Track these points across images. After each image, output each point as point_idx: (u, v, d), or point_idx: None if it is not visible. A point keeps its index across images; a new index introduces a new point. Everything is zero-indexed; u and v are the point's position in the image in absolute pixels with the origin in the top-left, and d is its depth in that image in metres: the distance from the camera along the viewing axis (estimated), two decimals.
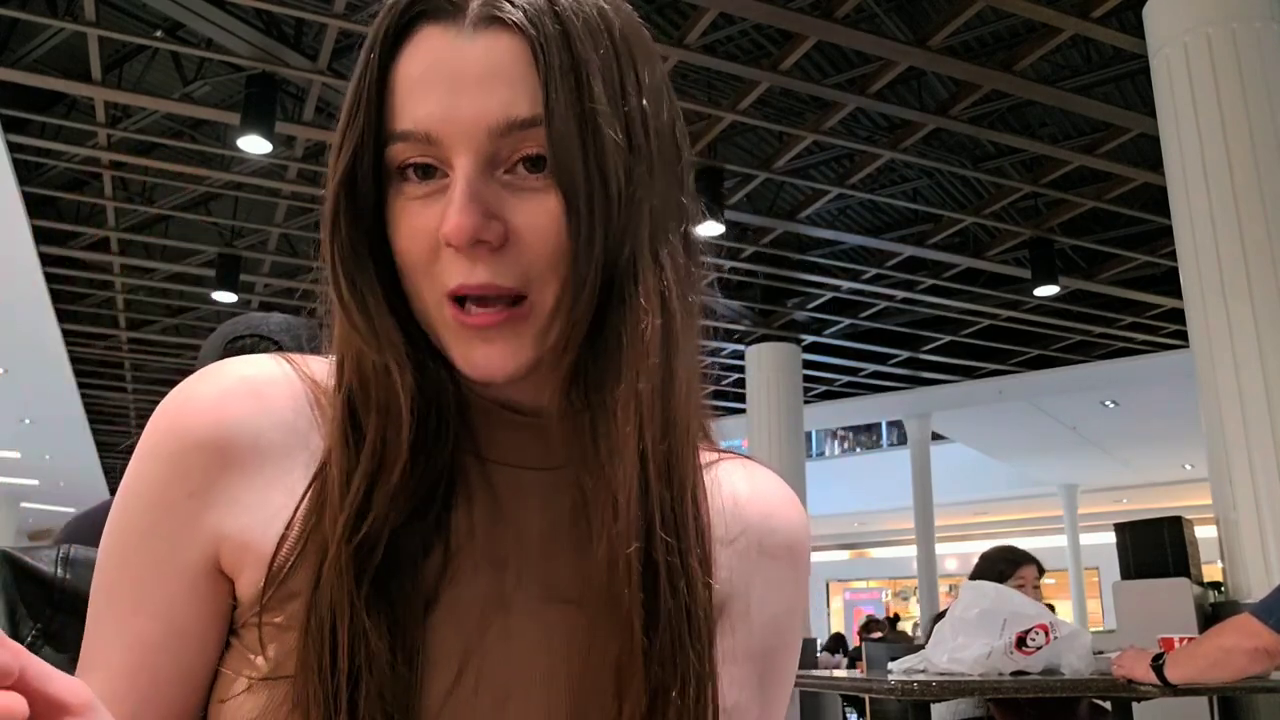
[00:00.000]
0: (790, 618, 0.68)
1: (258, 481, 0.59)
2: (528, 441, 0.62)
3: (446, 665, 0.57)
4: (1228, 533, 4.10)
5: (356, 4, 5.62)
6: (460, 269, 0.56)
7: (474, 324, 0.56)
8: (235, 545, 0.58)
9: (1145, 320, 9.82)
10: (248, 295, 9.53)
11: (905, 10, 5.80)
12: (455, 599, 0.58)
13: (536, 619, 0.59)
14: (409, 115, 0.57)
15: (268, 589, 0.56)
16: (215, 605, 0.59)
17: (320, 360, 0.65)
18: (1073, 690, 2.82)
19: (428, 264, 0.57)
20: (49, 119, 6.84)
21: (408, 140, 0.57)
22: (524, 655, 0.58)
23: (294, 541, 0.57)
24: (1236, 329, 4.15)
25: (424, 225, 0.57)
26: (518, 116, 0.56)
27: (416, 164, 0.57)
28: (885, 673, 3.11)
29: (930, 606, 12.54)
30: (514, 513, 0.61)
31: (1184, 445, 13.62)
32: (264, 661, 0.56)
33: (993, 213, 8.00)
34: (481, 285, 0.55)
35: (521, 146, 0.56)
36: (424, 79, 0.57)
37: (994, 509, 19.58)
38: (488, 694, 0.57)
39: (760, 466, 0.71)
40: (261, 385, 0.61)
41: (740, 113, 6.46)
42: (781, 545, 0.68)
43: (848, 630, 16.31)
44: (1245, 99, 4.37)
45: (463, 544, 0.59)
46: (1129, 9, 5.29)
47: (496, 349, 0.56)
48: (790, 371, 10.51)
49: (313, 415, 0.61)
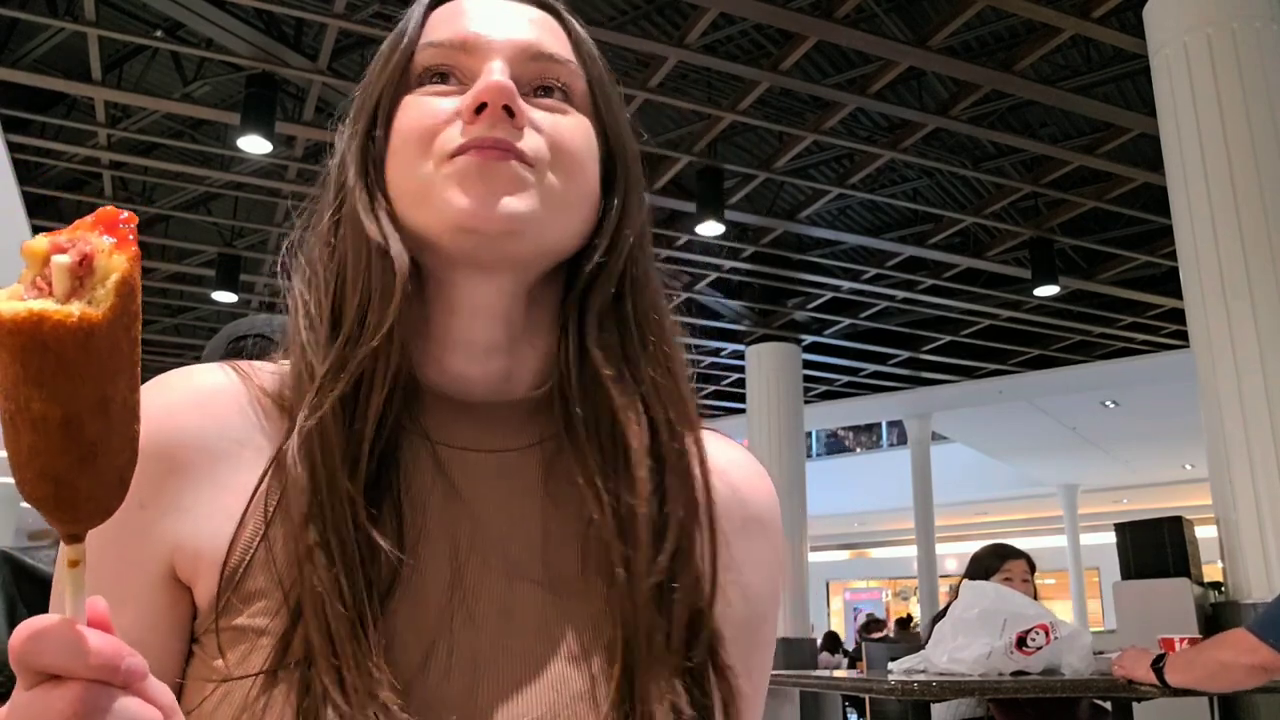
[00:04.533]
0: (768, 587, 0.69)
1: (207, 488, 0.59)
2: (487, 425, 0.63)
3: (414, 645, 0.56)
4: (1228, 533, 4.10)
5: (356, 4, 5.62)
6: (478, 128, 0.58)
7: (482, 152, 0.57)
8: (188, 553, 0.58)
9: (1145, 320, 9.82)
10: (248, 295, 9.52)
11: (905, 10, 5.80)
12: (419, 585, 0.58)
13: (501, 601, 0.59)
14: (444, 30, 0.62)
15: (223, 592, 0.56)
16: (176, 615, 0.58)
17: (268, 367, 0.65)
18: (1073, 690, 2.82)
19: (432, 134, 0.59)
20: (49, 119, 6.84)
21: (438, 46, 0.61)
22: (493, 637, 0.58)
23: (246, 541, 0.57)
24: (1236, 329, 4.15)
25: (435, 106, 0.60)
26: (550, 50, 0.62)
27: (441, 70, 0.61)
28: (885, 673, 3.11)
29: (930, 606, 12.53)
30: (475, 496, 0.61)
31: (1184, 445, 13.62)
32: (224, 665, 0.55)
33: (993, 213, 8.00)
34: (498, 139, 0.58)
35: (545, 75, 0.62)
36: (461, 11, 0.63)
37: (994, 509, 19.57)
38: (460, 678, 0.56)
39: (726, 439, 0.72)
40: (205, 393, 0.61)
41: (740, 113, 6.46)
42: (755, 517, 0.68)
43: (847, 630, 16.33)
44: (1245, 99, 4.37)
45: (421, 529, 0.59)
46: (1129, 9, 5.29)
47: (501, 182, 0.58)
48: (790, 371, 10.50)
49: (259, 421, 0.62)
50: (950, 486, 15.38)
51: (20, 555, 0.79)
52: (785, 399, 10.35)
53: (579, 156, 0.61)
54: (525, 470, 0.62)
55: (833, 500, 17.59)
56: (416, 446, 0.61)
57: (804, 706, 6.43)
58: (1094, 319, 9.92)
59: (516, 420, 0.63)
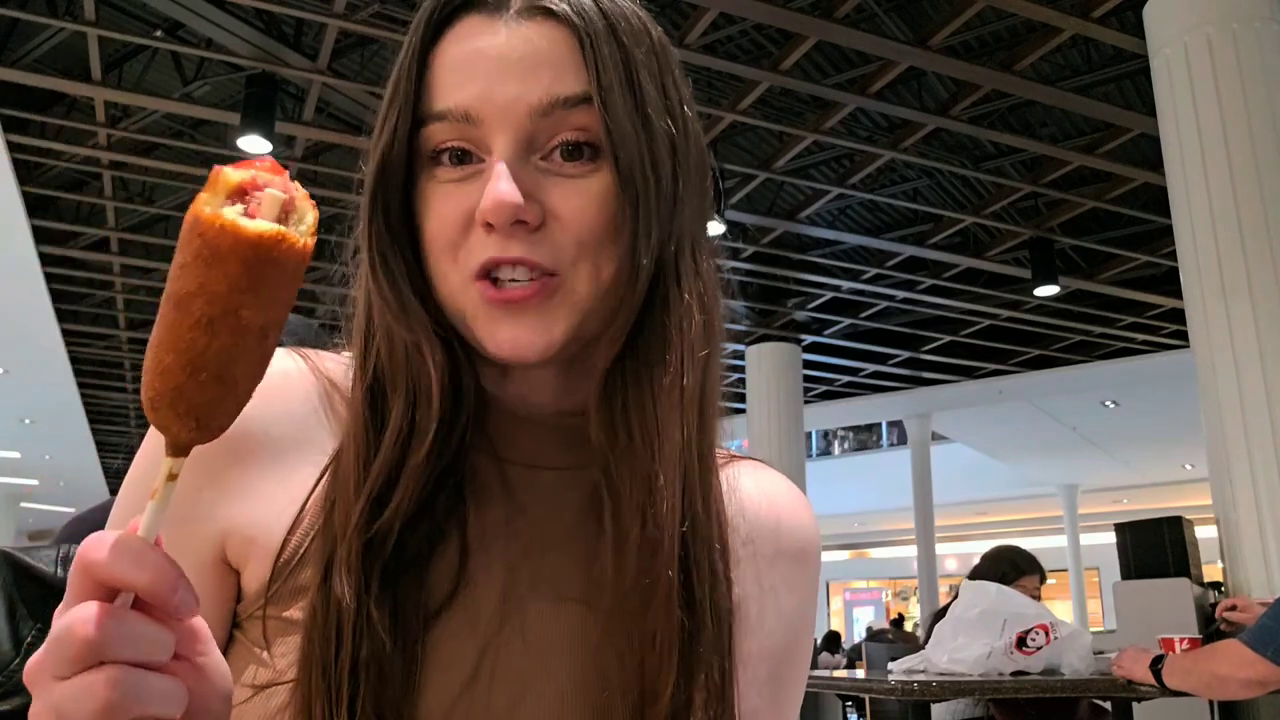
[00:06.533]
0: (802, 621, 0.68)
1: (267, 475, 0.59)
2: (545, 441, 0.62)
3: (461, 665, 0.56)
4: (1228, 533, 4.10)
5: (356, 4, 5.62)
6: (493, 245, 0.55)
7: (504, 298, 0.55)
8: (242, 538, 0.58)
9: (1145, 320, 9.82)
10: None
11: (905, 10, 5.80)
12: (470, 599, 0.58)
13: (548, 619, 0.59)
14: (448, 96, 0.57)
15: (274, 581, 0.56)
16: (220, 597, 0.58)
17: (334, 357, 0.65)
18: (1073, 690, 2.82)
19: (456, 246, 0.57)
20: (49, 119, 6.83)
21: (445, 120, 0.57)
22: (539, 655, 0.58)
23: (302, 534, 0.57)
24: (1236, 329, 4.15)
25: (456, 207, 0.57)
26: (562, 94, 0.56)
27: (452, 149, 0.57)
28: (885, 673, 3.11)
29: (930, 607, 12.52)
30: (530, 513, 0.61)
31: (1184, 445, 13.61)
32: (269, 656, 0.56)
33: (993, 213, 7.99)
34: (515, 260, 0.55)
35: (561, 129, 0.56)
36: (465, 62, 0.57)
37: (994, 509, 19.57)
38: (503, 694, 0.57)
39: (769, 469, 0.71)
40: (274, 379, 0.60)
41: (740, 113, 6.45)
42: (794, 548, 0.68)
43: (847, 630, 16.31)
44: (1245, 99, 4.37)
45: (477, 543, 0.59)
46: (1129, 9, 5.29)
47: (526, 325, 0.56)
48: (790, 371, 10.50)
49: (324, 410, 0.61)
50: (950, 486, 15.38)
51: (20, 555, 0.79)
52: (785, 399, 10.34)
53: (606, 239, 0.57)
54: (579, 488, 0.61)
55: (833, 500, 17.60)
56: (481, 459, 0.61)
57: (804, 707, 6.43)
58: (1094, 319, 9.92)
59: (575, 436, 0.62)
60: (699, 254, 0.62)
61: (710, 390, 0.61)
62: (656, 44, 0.62)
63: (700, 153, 0.63)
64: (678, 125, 0.61)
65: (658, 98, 0.59)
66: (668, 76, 0.61)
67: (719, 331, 0.63)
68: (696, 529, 0.58)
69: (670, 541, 0.56)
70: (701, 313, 0.60)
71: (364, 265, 0.60)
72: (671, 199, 0.59)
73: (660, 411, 0.57)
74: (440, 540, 0.57)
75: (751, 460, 0.70)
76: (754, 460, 0.71)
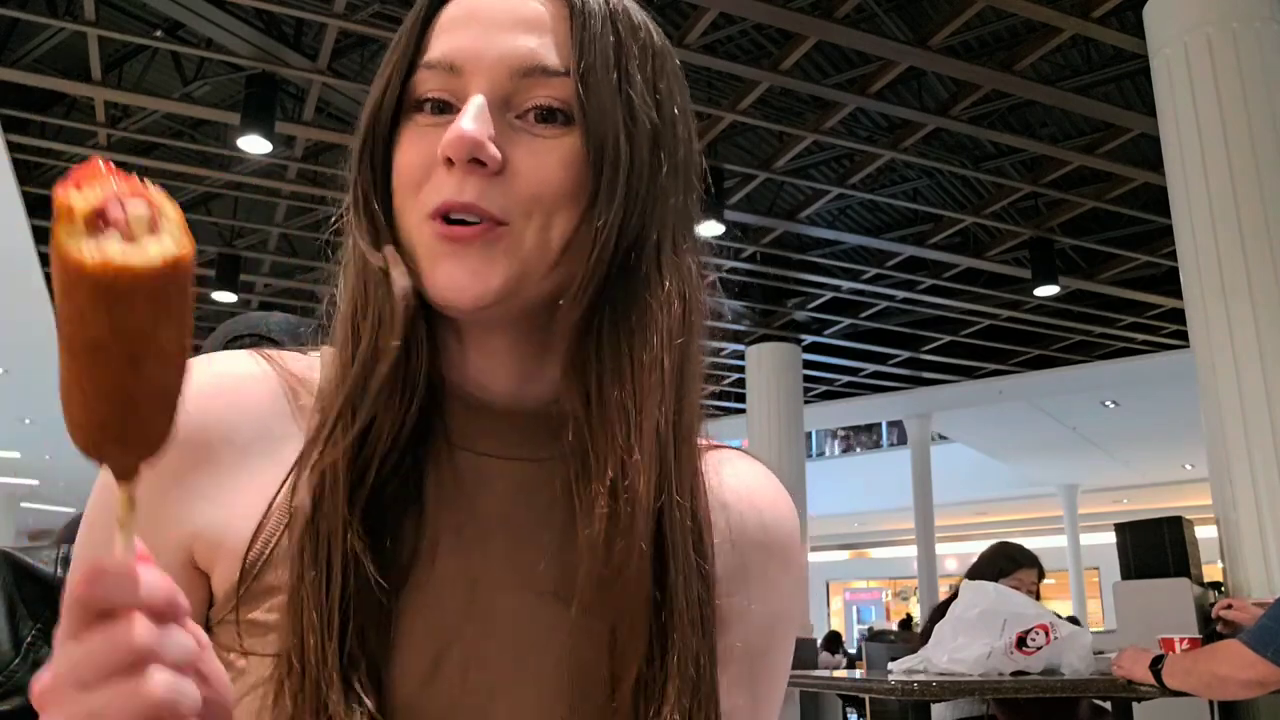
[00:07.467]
0: (784, 616, 0.68)
1: (233, 477, 0.59)
2: (504, 430, 0.62)
3: (423, 645, 0.56)
4: (1228, 533, 4.10)
5: (356, 4, 5.62)
6: (449, 187, 0.57)
7: (448, 236, 0.57)
8: (209, 541, 0.58)
9: (1145, 320, 9.82)
10: (248, 295, 9.52)
11: (905, 10, 5.80)
12: (429, 576, 0.58)
13: (512, 608, 0.59)
14: (437, 48, 0.60)
15: (243, 580, 0.56)
16: (192, 601, 0.58)
17: (298, 356, 0.65)
18: (1073, 690, 2.82)
19: (419, 185, 0.58)
20: (49, 119, 6.84)
21: (431, 69, 0.59)
22: (506, 644, 0.58)
23: (270, 532, 0.57)
24: (1236, 329, 4.15)
25: (425, 146, 0.58)
26: (542, 63, 0.58)
27: (434, 99, 0.59)
28: (885, 673, 3.11)
29: (930, 607, 12.52)
30: (482, 499, 0.61)
31: (1184, 445, 13.61)
32: (243, 661, 0.56)
33: (993, 213, 7.99)
34: (466, 204, 0.56)
35: (537, 93, 0.58)
36: (460, 19, 0.60)
37: (994, 509, 19.57)
38: (473, 683, 0.57)
39: (750, 459, 0.71)
40: (237, 382, 0.61)
41: (740, 113, 6.45)
42: (774, 542, 0.67)
43: (847, 630, 16.32)
44: (1245, 99, 4.37)
45: (434, 521, 0.59)
46: (1129, 9, 5.29)
47: (465, 268, 0.56)
48: (790, 371, 10.50)
49: (291, 408, 0.61)
50: (950, 486, 15.37)
51: (20, 555, 0.79)
52: (785, 399, 10.35)
53: (563, 200, 0.57)
54: (546, 481, 0.61)
55: (832, 500, 17.60)
56: (438, 449, 0.60)
57: (804, 706, 6.41)
58: (1094, 319, 9.92)
59: (539, 428, 0.61)
60: (681, 247, 0.62)
61: (690, 376, 0.61)
62: (655, 45, 0.63)
63: (691, 154, 0.64)
64: (665, 121, 0.62)
65: (645, 90, 0.61)
66: (661, 78, 0.63)
67: (698, 326, 0.63)
68: (672, 509, 0.57)
69: (644, 518, 0.55)
70: (680, 302, 0.60)
71: (350, 211, 0.62)
72: (648, 182, 0.60)
73: (638, 382, 0.57)
74: (403, 511, 0.58)
75: (732, 450, 0.70)
76: (734, 450, 0.70)
